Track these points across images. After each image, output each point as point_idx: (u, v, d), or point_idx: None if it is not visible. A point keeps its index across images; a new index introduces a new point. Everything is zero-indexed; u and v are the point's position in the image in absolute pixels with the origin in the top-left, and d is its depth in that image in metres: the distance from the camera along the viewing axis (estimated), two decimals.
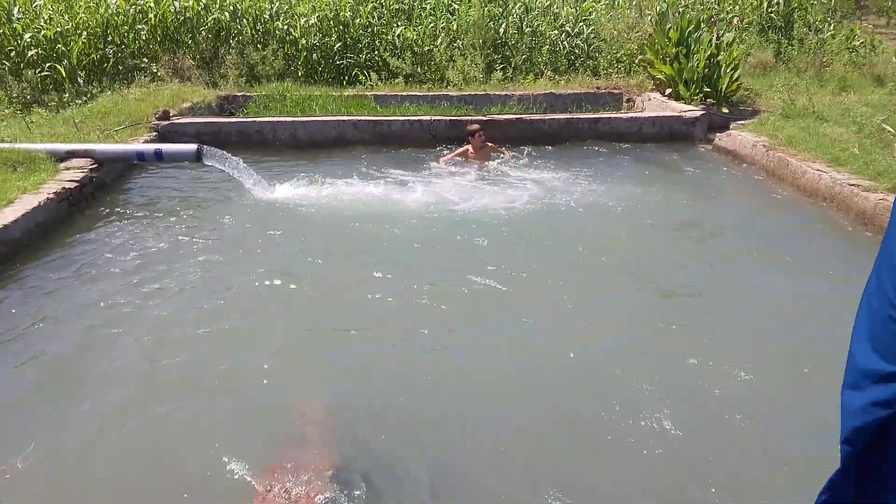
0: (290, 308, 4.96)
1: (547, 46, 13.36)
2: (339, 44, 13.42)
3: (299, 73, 13.18)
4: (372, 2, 14.11)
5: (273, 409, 3.81)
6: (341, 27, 13.60)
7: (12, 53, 11.64)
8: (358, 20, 13.63)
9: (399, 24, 13.75)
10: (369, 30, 13.67)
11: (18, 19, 11.94)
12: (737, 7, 14.30)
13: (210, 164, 7.39)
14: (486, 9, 13.66)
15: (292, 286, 5.23)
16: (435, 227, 6.46)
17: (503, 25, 13.59)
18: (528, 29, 13.68)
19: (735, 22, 12.91)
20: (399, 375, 4.15)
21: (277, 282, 5.28)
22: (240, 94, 11.62)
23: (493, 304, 4.95)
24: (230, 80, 12.18)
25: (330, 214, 6.75)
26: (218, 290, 5.17)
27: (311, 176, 7.90)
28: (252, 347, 4.42)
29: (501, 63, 13.04)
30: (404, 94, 11.60)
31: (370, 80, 12.51)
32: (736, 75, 10.37)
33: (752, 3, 14.13)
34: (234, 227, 6.53)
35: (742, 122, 9.64)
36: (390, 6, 14.17)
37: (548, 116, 9.81)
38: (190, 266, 5.54)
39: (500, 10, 14.03)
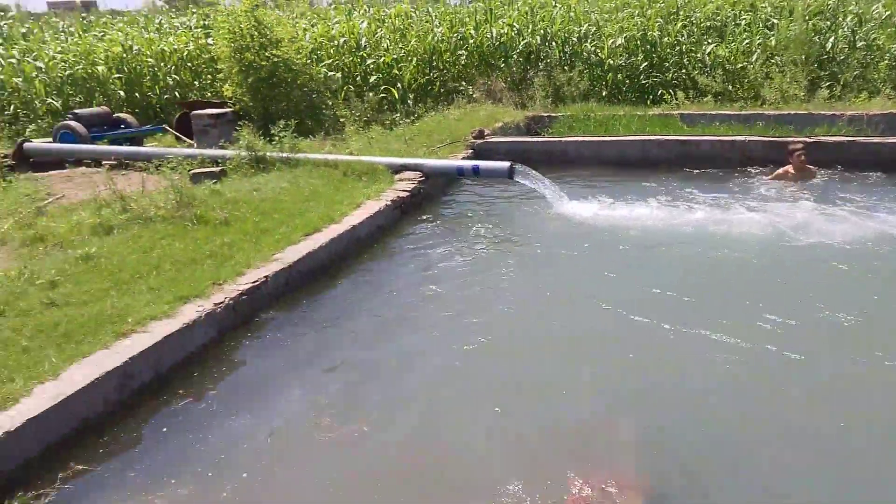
0: (590, 327, 5.03)
1: (886, 62, 11.88)
2: (645, 63, 13.35)
3: (603, 94, 13.36)
4: (682, 20, 13.80)
5: (581, 427, 3.87)
6: (648, 46, 13.52)
7: (358, 79, 13.47)
8: (666, 39, 13.43)
9: (710, 41, 13.26)
10: (677, 48, 13.40)
11: (364, 48, 13.80)
12: None
13: (520, 181, 7.83)
14: (810, 22, 12.59)
15: (589, 307, 5.30)
16: (757, 259, 5.98)
17: (831, 39, 12.40)
18: (862, 42, 12.31)
19: None
20: (706, 401, 4.03)
21: (577, 300, 5.42)
22: (545, 114, 12.09)
23: (809, 345, 4.53)
24: (537, 102, 12.74)
25: (636, 235, 6.72)
26: (516, 301, 5.43)
27: (615, 195, 7.95)
28: (556, 362, 4.56)
29: (828, 80, 11.89)
30: (713, 112, 11.12)
31: (676, 98, 12.23)
32: None
33: None
34: (538, 241, 6.84)
35: None
36: (701, 24, 13.72)
37: (889, 139, 8.68)
38: (495, 273, 5.93)
39: (828, 23, 12.82)
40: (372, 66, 13.52)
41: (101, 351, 4.00)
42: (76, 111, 11.46)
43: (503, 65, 13.87)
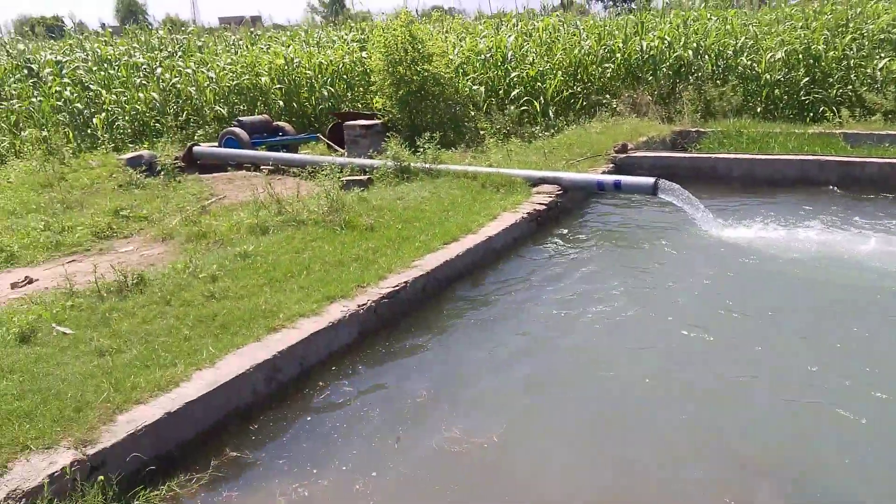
0: (736, 367, 4.76)
1: None
2: (807, 78, 12.54)
3: (757, 110, 12.71)
4: (851, 33, 12.84)
5: (710, 461, 3.73)
6: (811, 61, 12.70)
7: (500, 92, 13.60)
8: (832, 53, 12.55)
9: (883, 55, 12.25)
10: (844, 63, 12.49)
11: (509, 61, 13.93)
12: None
13: (664, 197, 7.58)
14: None
15: (731, 334, 5.06)
16: None
17: None
18: None
19: None
20: (843, 445, 3.74)
21: (713, 326, 5.18)
22: (693, 129, 11.67)
23: None
24: (685, 116, 12.32)
25: (791, 262, 6.31)
26: (652, 327, 5.26)
27: (770, 218, 7.52)
28: (691, 402, 4.31)
29: None
30: (883, 132, 10.27)
31: (839, 116, 11.41)
32: None
33: None
34: (682, 264, 6.58)
35: None
36: (874, 37, 12.71)
37: None
38: (634, 296, 5.76)
39: None
40: (515, 79, 13.60)
41: (254, 343, 4.30)
42: (240, 118, 12.36)
43: (651, 78, 13.52)
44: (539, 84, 13.50)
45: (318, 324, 4.60)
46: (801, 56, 12.77)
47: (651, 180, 7.53)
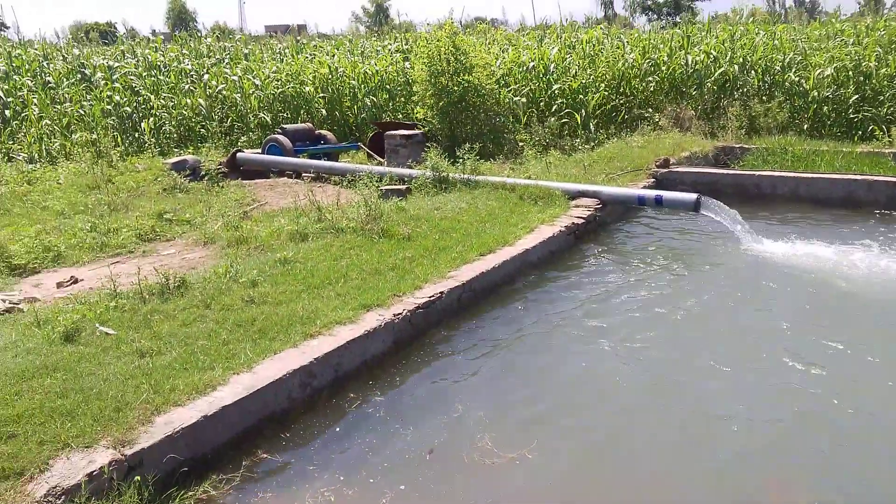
0: (759, 373, 4.69)
1: None
2: (856, 96, 12.27)
3: (804, 127, 12.46)
4: None
5: (742, 481, 3.64)
6: (861, 78, 12.43)
7: (541, 104, 13.57)
8: (884, 70, 12.27)
9: None
10: None
11: (552, 73, 13.90)
12: None
13: (706, 214, 7.47)
14: None
15: (768, 352, 4.95)
16: None
17: None
18: None
19: None
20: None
21: (752, 344, 5.10)
22: (737, 145, 11.50)
23: None
24: (729, 132, 12.15)
25: (835, 284, 6.15)
26: (686, 342, 5.20)
27: (813, 237, 7.35)
28: (723, 423, 4.22)
29: None
30: None
31: (889, 135, 11.12)
32: None
33: None
34: (722, 281, 6.46)
35: None
36: None
37: None
38: (670, 313, 5.67)
39: None
40: (557, 91, 13.56)
41: (291, 349, 4.34)
42: (284, 126, 12.53)
43: (695, 92, 13.36)
44: (581, 96, 13.44)
45: (353, 331, 4.62)
46: (850, 73, 12.51)
47: (693, 196, 7.42)
